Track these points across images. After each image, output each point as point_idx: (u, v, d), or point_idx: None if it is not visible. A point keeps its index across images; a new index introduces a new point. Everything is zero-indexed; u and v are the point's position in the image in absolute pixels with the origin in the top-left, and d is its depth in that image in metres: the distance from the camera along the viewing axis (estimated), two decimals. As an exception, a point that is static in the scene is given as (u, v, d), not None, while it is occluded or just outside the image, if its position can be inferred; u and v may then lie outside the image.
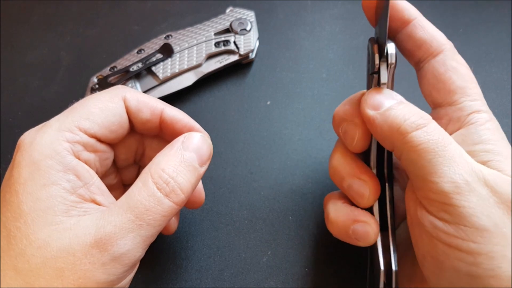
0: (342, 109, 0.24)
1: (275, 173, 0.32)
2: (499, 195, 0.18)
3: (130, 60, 0.35)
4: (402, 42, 0.23)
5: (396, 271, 0.22)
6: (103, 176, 0.24)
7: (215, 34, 0.37)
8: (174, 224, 0.27)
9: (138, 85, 0.34)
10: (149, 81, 0.35)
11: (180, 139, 0.22)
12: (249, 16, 0.38)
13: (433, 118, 0.22)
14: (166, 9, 0.42)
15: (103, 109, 0.22)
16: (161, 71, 0.35)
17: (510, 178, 0.19)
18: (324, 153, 0.33)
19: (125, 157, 0.25)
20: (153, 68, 0.35)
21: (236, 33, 0.37)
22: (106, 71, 0.35)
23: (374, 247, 0.23)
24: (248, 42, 0.36)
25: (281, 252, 0.29)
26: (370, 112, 0.21)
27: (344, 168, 0.24)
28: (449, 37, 0.38)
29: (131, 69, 0.34)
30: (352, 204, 0.24)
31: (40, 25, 0.42)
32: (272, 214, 0.30)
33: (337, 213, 0.24)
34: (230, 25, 0.37)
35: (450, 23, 0.39)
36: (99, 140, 0.22)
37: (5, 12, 0.43)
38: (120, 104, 0.22)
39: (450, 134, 0.21)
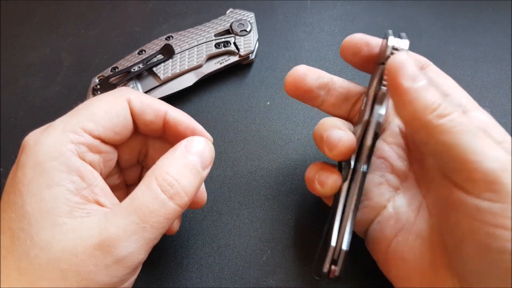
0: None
1: (275, 172, 0.32)
2: None
3: (131, 60, 0.36)
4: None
5: (346, 251, 0.23)
6: (106, 177, 0.24)
7: (216, 35, 0.37)
8: (176, 224, 0.27)
9: (139, 85, 0.35)
10: (150, 82, 0.35)
11: (183, 142, 0.22)
12: (249, 17, 0.38)
13: None
14: (167, 10, 0.42)
15: (108, 111, 0.22)
16: (162, 71, 0.35)
17: None
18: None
19: (129, 158, 0.26)
20: (154, 69, 0.35)
21: (236, 34, 0.37)
22: (107, 71, 0.35)
23: (330, 226, 0.24)
24: (248, 43, 0.37)
25: (281, 251, 0.29)
26: (404, 82, 0.20)
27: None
28: (448, 37, 0.39)
29: (132, 70, 0.35)
30: None
31: (41, 25, 0.42)
32: (272, 213, 0.30)
33: (310, 169, 0.26)
34: (230, 26, 0.37)
35: (449, 24, 0.40)
36: (103, 141, 0.22)
37: (6, 12, 0.43)
38: (125, 105, 0.23)
39: None
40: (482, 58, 0.37)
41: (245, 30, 0.37)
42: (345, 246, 0.23)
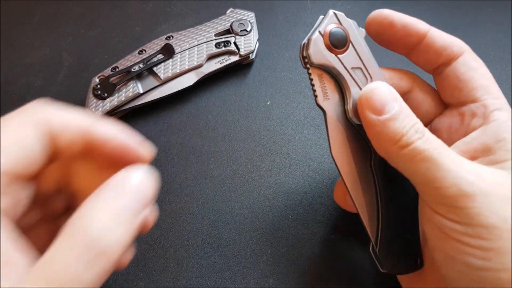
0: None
1: (275, 172, 0.32)
2: (505, 192, 0.18)
3: (132, 60, 0.36)
4: (421, 53, 0.24)
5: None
6: (22, 216, 0.19)
7: (216, 35, 0.37)
8: (127, 258, 0.22)
9: (139, 85, 0.35)
10: (151, 81, 0.35)
11: (113, 181, 0.17)
12: (249, 17, 0.38)
13: (452, 116, 0.23)
14: (167, 10, 0.42)
15: (12, 143, 0.17)
16: (162, 71, 0.35)
17: None
18: (323, 153, 0.33)
19: (46, 188, 0.21)
20: (155, 69, 0.35)
21: (236, 34, 0.37)
22: (107, 71, 0.35)
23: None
24: (249, 43, 0.37)
25: (281, 251, 0.29)
26: (370, 116, 0.21)
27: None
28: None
29: (132, 70, 0.35)
30: None
31: (41, 25, 0.42)
32: (272, 213, 0.30)
33: (339, 186, 0.27)
34: (231, 26, 0.37)
35: (449, 23, 0.40)
36: (11, 180, 0.17)
37: (6, 12, 0.43)
38: (33, 132, 0.18)
39: (473, 129, 0.22)
40: (482, 58, 0.37)
41: (245, 30, 0.37)
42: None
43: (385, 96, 0.20)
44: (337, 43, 0.22)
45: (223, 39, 0.37)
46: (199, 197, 0.31)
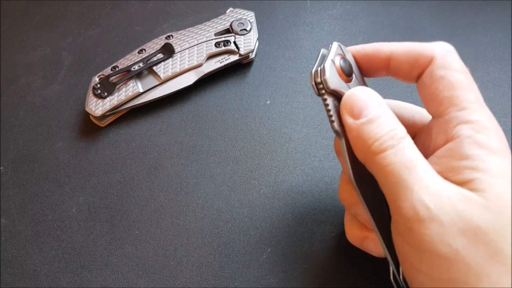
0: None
1: (274, 171, 0.32)
2: (465, 222, 0.17)
3: (132, 60, 0.36)
4: (396, 70, 0.23)
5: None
6: None
7: (216, 34, 0.37)
8: None
9: (139, 84, 0.35)
10: (150, 81, 0.35)
11: None
12: (249, 16, 0.38)
13: (426, 131, 0.22)
14: (167, 9, 0.43)
15: None
16: (162, 70, 0.35)
17: (485, 201, 0.17)
18: (323, 152, 0.33)
19: None
20: (154, 68, 0.35)
21: (236, 33, 0.37)
22: (107, 70, 0.35)
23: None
24: (248, 42, 0.37)
25: (281, 249, 0.29)
26: (348, 119, 0.20)
27: (349, 197, 0.24)
28: (448, 36, 0.39)
29: (132, 69, 0.35)
30: None
31: (41, 25, 0.42)
32: (271, 212, 0.30)
33: (351, 225, 0.24)
34: (230, 25, 0.38)
35: (448, 23, 0.40)
36: None
37: (6, 11, 0.43)
38: None
39: (438, 148, 0.20)
40: (482, 58, 0.37)
41: (245, 29, 0.37)
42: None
43: (364, 101, 0.20)
44: (346, 71, 0.22)
45: (223, 39, 0.37)
46: (198, 196, 0.31)
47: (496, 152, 0.18)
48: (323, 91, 0.21)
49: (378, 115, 0.20)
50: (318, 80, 0.21)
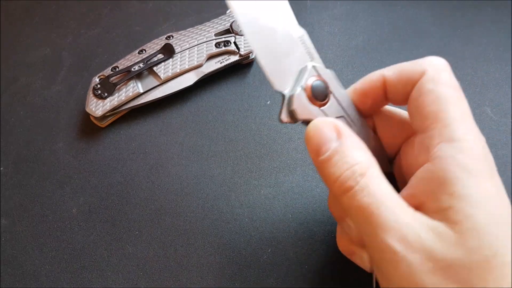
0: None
1: (275, 171, 0.32)
2: (436, 260, 0.16)
3: (132, 60, 0.36)
4: (394, 95, 0.22)
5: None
6: None
7: (216, 34, 0.37)
8: None
9: (139, 85, 0.35)
10: (151, 81, 0.35)
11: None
12: (250, 16, 0.38)
13: (411, 146, 0.21)
14: (167, 10, 0.43)
15: None
16: (162, 71, 0.35)
17: (458, 236, 0.16)
18: (323, 152, 0.33)
19: None
20: (155, 68, 0.35)
21: (236, 33, 0.37)
22: (107, 71, 0.35)
23: None
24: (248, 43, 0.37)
25: (281, 250, 0.29)
26: (313, 156, 0.20)
27: (336, 211, 0.23)
28: (448, 36, 0.39)
29: (132, 69, 0.35)
30: None
31: (42, 25, 0.42)
32: (272, 212, 0.30)
33: (341, 237, 0.24)
34: (231, 25, 0.37)
35: (448, 23, 0.40)
36: None
37: (7, 12, 0.43)
38: None
39: (419, 166, 0.19)
40: (482, 58, 0.37)
41: (245, 30, 0.37)
42: None
43: (320, 136, 0.20)
44: (319, 95, 0.21)
45: (223, 39, 0.37)
46: (199, 197, 0.31)
47: (478, 174, 0.17)
48: (296, 119, 0.21)
49: (335, 151, 0.19)
50: (290, 108, 0.21)
